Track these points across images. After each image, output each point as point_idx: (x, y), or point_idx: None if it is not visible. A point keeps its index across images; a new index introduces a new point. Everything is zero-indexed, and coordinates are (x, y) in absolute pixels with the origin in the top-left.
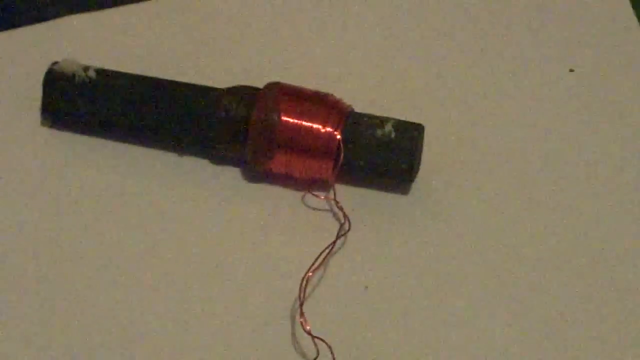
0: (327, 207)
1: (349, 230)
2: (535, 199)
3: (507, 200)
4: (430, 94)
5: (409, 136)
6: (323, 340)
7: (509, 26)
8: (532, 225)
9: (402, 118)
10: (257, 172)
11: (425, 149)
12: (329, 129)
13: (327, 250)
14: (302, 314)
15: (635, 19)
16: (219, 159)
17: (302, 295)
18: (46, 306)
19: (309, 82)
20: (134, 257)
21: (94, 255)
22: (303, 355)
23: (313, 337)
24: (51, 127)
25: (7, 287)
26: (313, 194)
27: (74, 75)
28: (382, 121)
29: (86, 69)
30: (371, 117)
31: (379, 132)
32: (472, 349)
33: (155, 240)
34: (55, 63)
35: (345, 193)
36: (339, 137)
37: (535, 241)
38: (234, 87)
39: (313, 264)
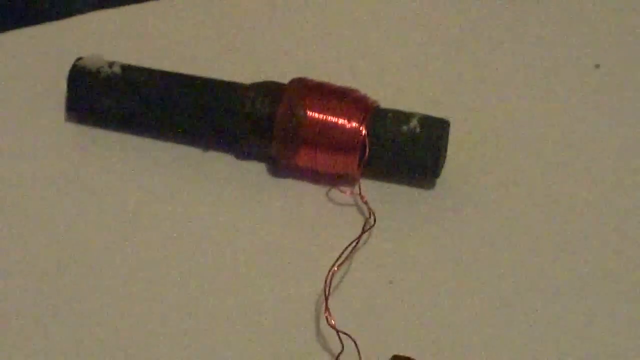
0: (352, 202)
1: (374, 225)
2: (561, 195)
3: (533, 196)
4: (456, 89)
5: (435, 131)
6: (348, 335)
7: (536, 22)
8: (559, 222)
9: (428, 113)
10: (282, 167)
11: (450, 144)
12: (354, 124)
13: (352, 245)
14: (327, 309)
15: None
16: (243, 155)
17: (327, 289)
18: (67, 302)
19: (335, 78)
20: (159, 253)
21: (118, 251)
22: (328, 349)
23: (338, 331)
24: (76, 122)
25: (30, 285)
26: (338, 189)
27: (99, 71)
28: (407, 116)
29: (111, 64)
30: (396, 112)
31: (404, 127)
32: (498, 343)
33: (180, 236)
34: (80, 59)
35: (371, 188)
36: (364, 132)
37: (561, 238)
38: (259, 83)
39: (338, 259)
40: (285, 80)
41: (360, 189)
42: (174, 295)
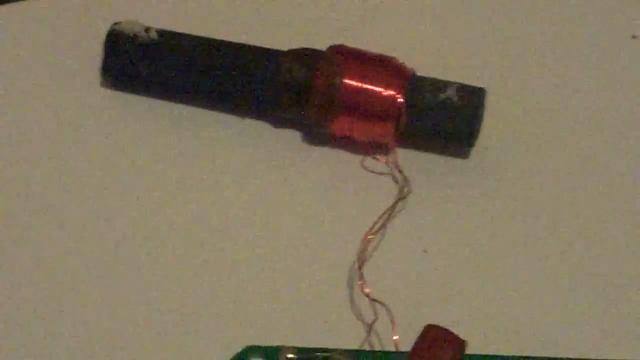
0: (387, 170)
1: (409, 193)
2: (597, 165)
3: (567, 168)
4: (493, 58)
5: (471, 100)
6: (382, 303)
7: None
8: (596, 192)
9: (465, 82)
10: (318, 135)
11: (486, 113)
12: (391, 92)
13: (386, 214)
14: (361, 277)
15: None
16: (280, 122)
17: (361, 258)
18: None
19: (372, 45)
20: (193, 220)
21: (152, 217)
22: (361, 318)
23: (372, 299)
24: (112, 88)
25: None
26: (374, 157)
27: (135, 36)
28: (444, 85)
29: (148, 29)
30: (433, 80)
31: (441, 95)
32: (531, 313)
33: (215, 204)
34: (117, 23)
35: (406, 157)
36: (401, 100)
37: (599, 208)
38: (296, 50)
39: (372, 227)
40: (323, 47)
41: (396, 157)
42: (207, 262)
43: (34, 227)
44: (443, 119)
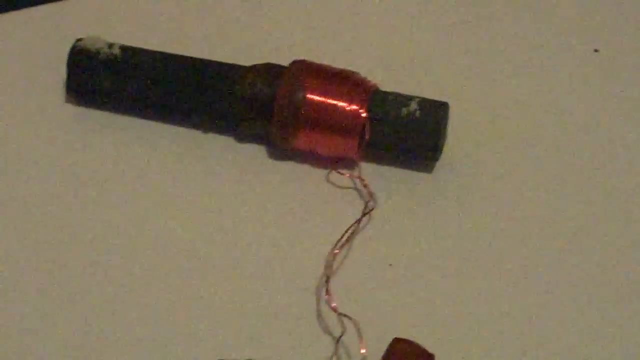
0: (352, 185)
1: (374, 208)
2: (561, 180)
3: (531, 178)
4: (454, 72)
5: (434, 114)
6: (349, 317)
7: (535, 6)
8: (558, 205)
9: (427, 96)
10: (282, 149)
11: (449, 127)
12: (354, 107)
13: (352, 228)
14: (328, 291)
15: None
16: (243, 136)
17: (327, 272)
18: (73, 283)
19: (334, 61)
20: (158, 234)
21: (117, 233)
22: (329, 332)
23: (339, 313)
24: (76, 104)
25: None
26: (338, 172)
27: (98, 52)
28: (407, 99)
29: (111, 45)
30: (396, 95)
31: (404, 110)
32: (497, 326)
33: (179, 217)
34: (80, 40)
35: (370, 171)
36: (364, 115)
37: (561, 222)
38: (259, 65)
39: (338, 242)
40: (286, 62)
41: (360, 171)
42: (172, 278)
43: None
44: (406, 133)
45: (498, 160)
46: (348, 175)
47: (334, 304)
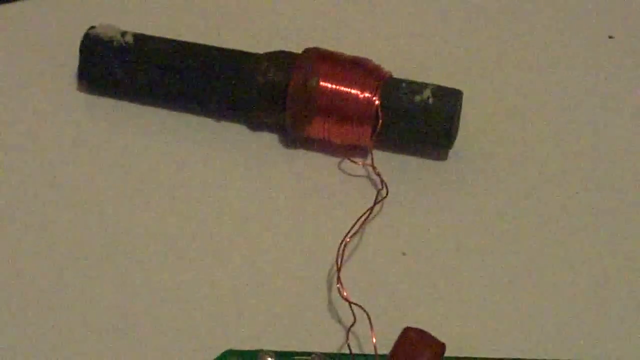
0: (364, 173)
1: (386, 196)
2: (574, 167)
3: (545, 167)
4: (469, 60)
5: (447, 102)
6: (360, 307)
7: None
8: (572, 193)
9: (441, 84)
10: (295, 137)
11: (463, 115)
12: (367, 95)
13: (364, 217)
14: (339, 280)
15: None
16: (256, 125)
17: (339, 261)
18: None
19: (347, 48)
20: (170, 223)
21: (128, 221)
22: (340, 321)
23: (350, 303)
24: (88, 92)
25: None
26: (351, 160)
27: (111, 40)
28: (420, 87)
29: (124, 33)
30: (409, 82)
31: (417, 97)
32: (510, 315)
33: (192, 206)
34: (92, 28)
35: (383, 159)
36: (377, 102)
37: (575, 208)
38: (272, 53)
39: (350, 230)
40: (299, 50)
41: (372, 160)
42: (183, 266)
43: (8, 234)
44: (420, 121)
45: (511, 149)
46: (361, 163)
47: (345, 293)
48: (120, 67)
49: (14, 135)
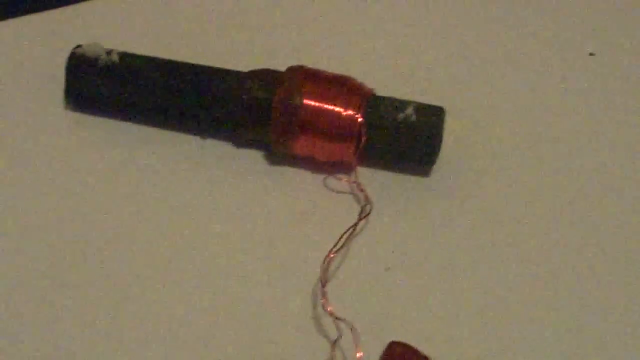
0: (348, 189)
1: (370, 212)
2: (556, 183)
3: (527, 183)
4: (451, 77)
5: (430, 119)
6: (345, 321)
7: (531, 10)
8: (553, 209)
9: (423, 101)
10: (279, 154)
11: (445, 132)
12: (350, 112)
13: (348, 232)
14: (324, 295)
15: None
16: (241, 142)
17: (324, 276)
18: (72, 291)
19: (331, 66)
20: (155, 240)
21: (115, 238)
22: (325, 336)
23: (335, 317)
24: (74, 110)
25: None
26: (335, 177)
27: (97, 59)
28: (403, 104)
29: (109, 52)
30: (392, 100)
31: (400, 115)
32: (493, 329)
33: (177, 224)
34: (79, 46)
35: (367, 175)
36: (360, 120)
37: (556, 224)
38: (256, 70)
39: (335, 246)
40: (283, 68)
41: (356, 176)
42: (170, 282)
43: None
44: (403, 138)
45: (494, 165)
46: (345, 179)
47: (330, 308)
48: (106, 85)
49: (1, 153)
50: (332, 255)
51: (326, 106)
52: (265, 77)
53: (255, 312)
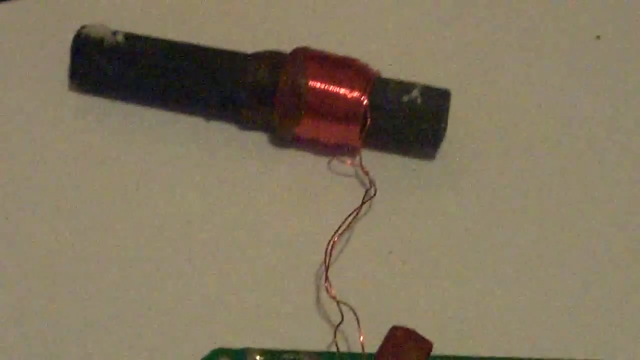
0: (353, 172)
1: (374, 195)
2: (562, 167)
3: (533, 167)
4: (457, 59)
5: (436, 102)
6: (348, 305)
7: None
8: (559, 193)
9: (429, 83)
10: (283, 137)
11: (451, 115)
12: (355, 94)
13: (352, 216)
14: (327, 279)
15: None
16: (245, 124)
17: (327, 260)
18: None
19: (336, 47)
20: (160, 222)
21: (119, 220)
22: (327, 319)
23: (338, 301)
24: (79, 92)
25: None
26: (339, 159)
27: (102, 40)
28: (408, 87)
29: (115, 33)
30: (398, 82)
31: (405, 97)
32: (498, 314)
33: (181, 206)
34: (84, 27)
35: (372, 158)
36: (365, 102)
37: (562, 209)
38: (261, 52)
39: (338, 229)
40: (288, 49)
41: (361, 159)
42: (170, 266)
43: None
44: (408, 120)
45: (500, 148)
46: (349, 162)
47: (333, 292)
48: (111, 67)
49: (5, 136)
50: (335, 239)
51: (331, 88)
52: (270, 59)
53: (258, 296)
